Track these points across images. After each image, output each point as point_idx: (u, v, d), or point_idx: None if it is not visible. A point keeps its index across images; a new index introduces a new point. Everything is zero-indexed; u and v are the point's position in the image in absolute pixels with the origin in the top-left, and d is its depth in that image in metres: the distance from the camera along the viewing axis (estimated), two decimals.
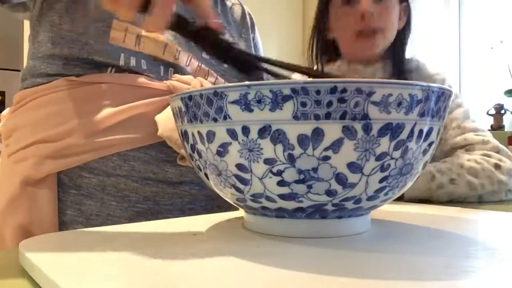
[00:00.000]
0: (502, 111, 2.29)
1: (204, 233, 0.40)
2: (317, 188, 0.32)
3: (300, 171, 0.32)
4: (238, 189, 0.35)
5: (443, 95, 0.34)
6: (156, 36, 0.61)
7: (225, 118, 0.32)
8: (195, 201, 0.61)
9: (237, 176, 0.34)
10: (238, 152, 0.33)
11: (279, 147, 0.31)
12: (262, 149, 0.31)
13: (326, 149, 0.31)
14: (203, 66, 0.65)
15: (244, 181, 0.34)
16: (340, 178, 0.32)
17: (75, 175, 0.57)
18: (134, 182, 0.58)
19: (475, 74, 2.48)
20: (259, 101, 0.30)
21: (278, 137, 0.31)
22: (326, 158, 0.31)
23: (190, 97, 0.34)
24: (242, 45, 0.76)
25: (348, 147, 0.31)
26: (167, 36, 0.62)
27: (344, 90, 0.30)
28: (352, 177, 0.32)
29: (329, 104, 0.30)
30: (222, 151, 0.33)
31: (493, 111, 2.31)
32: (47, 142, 0.57)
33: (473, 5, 2.51)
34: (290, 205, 0.34)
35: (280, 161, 0.31)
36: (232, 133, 0.32)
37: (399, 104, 0.31)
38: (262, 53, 0.82)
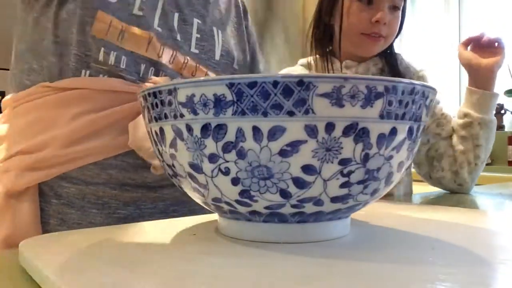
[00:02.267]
0: (502, 111, 2.30)
1: (204, 233, 0.40)
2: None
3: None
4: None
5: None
6: (139, 32, 0.60)
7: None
8: (178, 204, 0.61)
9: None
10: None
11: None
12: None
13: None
14: (190, 62, 0.64)
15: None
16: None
17: (55, 185, 0.57)
18: (113, 189, 0.57)
19: None
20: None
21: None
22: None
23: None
24: (231, 36, 0.73)
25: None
26: (151, 33, 0.60)
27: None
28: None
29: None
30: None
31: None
32: (27, 153, 0.56)
33: (473, 6, 2.52)
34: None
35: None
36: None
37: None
38: (256, 42, 0.81)
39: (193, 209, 0.60)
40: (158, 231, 0.42)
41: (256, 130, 0.30)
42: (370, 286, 0.26)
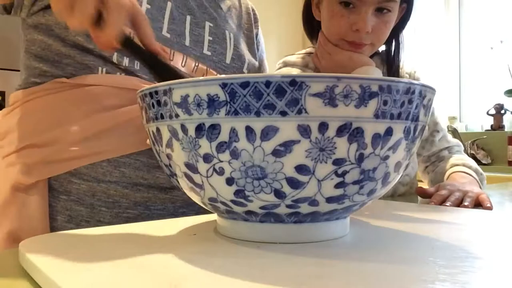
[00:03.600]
0: (502, 111, 2.29)
1: (204, 233, 0.41)
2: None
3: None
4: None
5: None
6: None
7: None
8: (187, 206, 0.61)
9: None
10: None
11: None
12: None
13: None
14: (200, 65, 0.65)
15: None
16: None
17: (65, 181, 0.57)
18: (125, 188, 0.57)
19: (475, 74, 2.48)
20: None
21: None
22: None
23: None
24: (243, 40, 0.74)
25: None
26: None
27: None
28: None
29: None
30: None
31: (493, 111, 2.31)
32: (37, 147, 0.56)
33: (473, 6, 2.51)
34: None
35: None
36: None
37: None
38: (264, 51, 0.82)
39: (202, 211, 0.60)
40: (159, 231, 0.42)
41: (249, 130, 0.30)
42: (370, 286, 0.26)
